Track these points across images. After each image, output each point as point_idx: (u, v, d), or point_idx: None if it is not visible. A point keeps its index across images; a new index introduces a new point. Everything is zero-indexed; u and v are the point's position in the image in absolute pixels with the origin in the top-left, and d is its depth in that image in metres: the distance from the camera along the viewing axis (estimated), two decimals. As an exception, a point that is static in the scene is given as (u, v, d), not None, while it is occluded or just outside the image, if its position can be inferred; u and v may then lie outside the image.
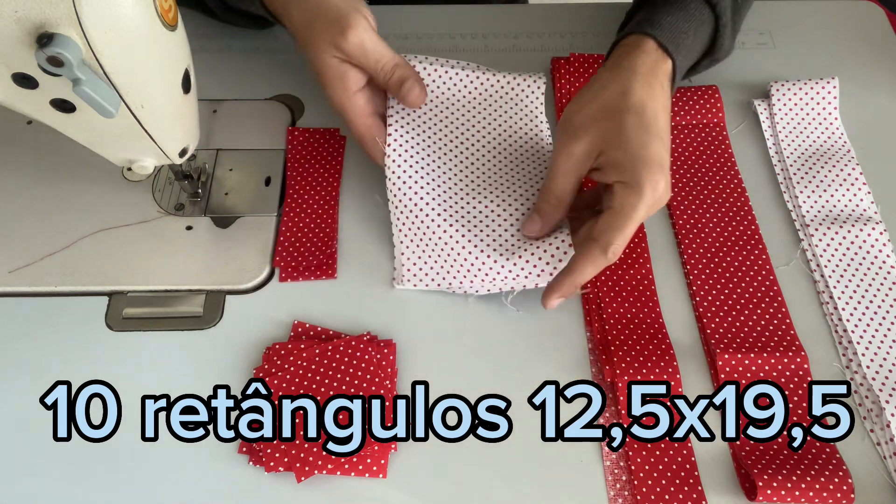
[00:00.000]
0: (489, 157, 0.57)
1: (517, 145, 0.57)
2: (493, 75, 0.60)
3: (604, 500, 0.43)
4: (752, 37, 0.66)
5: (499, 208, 0.53)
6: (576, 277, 0.46)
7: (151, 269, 0.52)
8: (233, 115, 0.61)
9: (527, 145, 0.57)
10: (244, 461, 0.44)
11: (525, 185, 0.54)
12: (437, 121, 0.57)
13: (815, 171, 0.56)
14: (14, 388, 0.47)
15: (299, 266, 0.52)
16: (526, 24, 0.68)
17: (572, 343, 0.49)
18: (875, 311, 0.49)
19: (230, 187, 0.57)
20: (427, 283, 0.51)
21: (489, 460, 0.44)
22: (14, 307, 0.50)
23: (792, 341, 0.48)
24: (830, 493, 0.41)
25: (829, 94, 0.60)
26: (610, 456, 0.44)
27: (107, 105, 0.39)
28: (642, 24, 0.52)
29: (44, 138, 0.59)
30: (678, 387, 0.46)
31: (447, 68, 0.59)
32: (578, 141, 0.47)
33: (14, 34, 0.36)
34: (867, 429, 0.45)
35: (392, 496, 0.43)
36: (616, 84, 0.48)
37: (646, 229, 0.54)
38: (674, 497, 0.42)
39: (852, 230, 0.53)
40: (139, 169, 0.48)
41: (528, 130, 0.58)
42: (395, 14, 0.68)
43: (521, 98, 0.60)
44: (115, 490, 0.43)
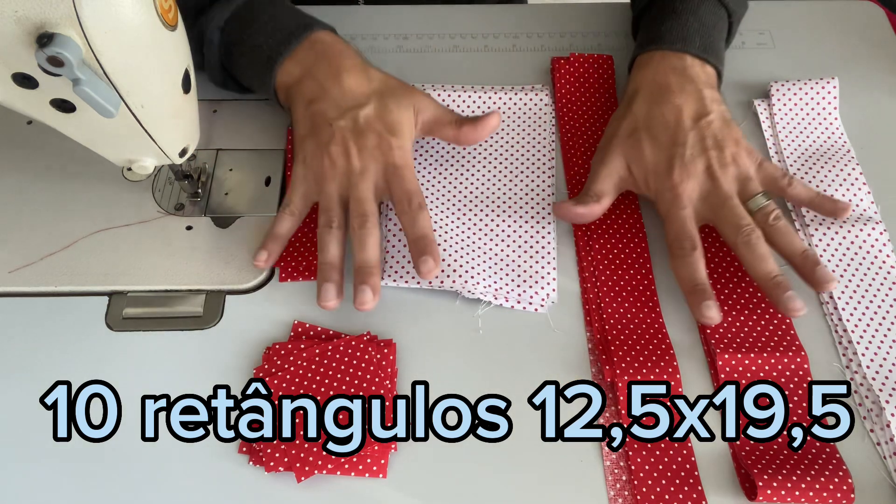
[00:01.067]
0: (492, 170, 0.57)
1: (524, 158, 0.58)
2: (494, 93, 0.61)
3: (604, 500, 0.43)
4: (752, 37, 0.66)
5: (498, 218, 0.54)
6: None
7: (151, 269, 0.52)
8: (233, 115, 0.61)
9: (534, 157, 0.58)
10: (244, 461, 0.44)
11: (527, 196, 0.56)
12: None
13: (815, 171, 0.56)
14: (14, 388, 0.47)
15: (299, 266, 0.52)
16: (526, 24, 0.68)
17: (572, 343, 0.49)
18: (875, 311, 0.49)
19: (230, 187, 0.57)
20: (407, 281, 0.51)
21: (489, 460, 0.44)
22: (14, 307, 0.50)
23: (792, 341, 0.48)
24: (830, 492, 0.41)
25: (829, 94, 0.60)
26: (610, 456, 0.44)
27: (107, 105, 0.39)
28: (651, 45, 0.57)
29: (44, 138, 0.59)
30: (678, 386, 0.46)
31: (449, 91, 0.60)
32: (604, 163, 0.54)
33: (14, 34, 0.36)
34: (867, 429, 0.45)
35: (392, 496, 0.43)
36: (625, 102, 0.56)
37: (646, 229, 0.54)
38: (674, 497, 0.42)
39: (852, 230, 0.53)
40: (139, 169, 0.48)
41: (535, 144, 0.59)
42: (395, 14, 0.68)
43: (529, 112, 0.60)
44: (115, 490, 0.43)
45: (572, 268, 0.53)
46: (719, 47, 0.57)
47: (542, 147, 0.58)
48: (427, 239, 0.49)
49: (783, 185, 0.52)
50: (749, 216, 0.49)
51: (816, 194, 0.52)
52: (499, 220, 0.54)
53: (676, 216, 0.50)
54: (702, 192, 0.51)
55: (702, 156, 0.51)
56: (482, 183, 0.56)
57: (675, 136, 0.52)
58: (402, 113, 0.53)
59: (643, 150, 0.52)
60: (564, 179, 0.57)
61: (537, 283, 0.51)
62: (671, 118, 0.52)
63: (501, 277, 0.51)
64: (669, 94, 0.53)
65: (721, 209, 0.50)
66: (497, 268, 0.52)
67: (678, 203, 0.50)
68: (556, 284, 0.51)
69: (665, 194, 0.51)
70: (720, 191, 0.50)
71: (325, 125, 0.52)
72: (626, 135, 0.53)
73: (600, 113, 0.61)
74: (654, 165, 0.52)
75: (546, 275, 0.51)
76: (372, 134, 0.52)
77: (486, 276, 0.51)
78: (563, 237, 0.54)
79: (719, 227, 0.50)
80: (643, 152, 0.52)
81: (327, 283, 0.48)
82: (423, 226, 0.49)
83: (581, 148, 0.58)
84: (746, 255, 0.48)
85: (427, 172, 0.57)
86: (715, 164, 0.51)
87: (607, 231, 0.54)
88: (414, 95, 0.55)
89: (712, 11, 0.57)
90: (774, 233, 0.49)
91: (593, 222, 0.54)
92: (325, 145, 0.52)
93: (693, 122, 0.52)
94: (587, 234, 0.54)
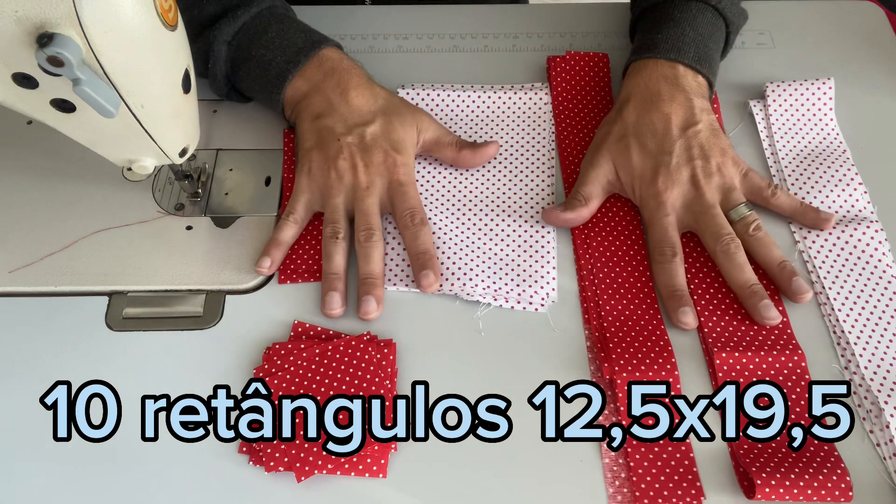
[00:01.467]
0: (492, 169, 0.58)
1: (523, 158, 0.58)
2: (493, 92, 0.61)
3: (602, 498, 0.43)
4: (751, 37, 0.66)
5: (498, 218, 0.54)
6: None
7: (151, 269, 0.52)
8: (233, 115, 0.61)
9: (533, 157, 0.58)
10: (244, 461, 0.44)
11: (526, 195, 0.56)
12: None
13: (810, 172, 0.56)
14: (14, 388, 0.47)
15: (299, 268, 0.52)
16: (526, 24, 0.68)
17: (571, 342, 0.49)
18: (872, 312, 0.49)
19: (230, 187, 0.57)
20: (407, 285, 0.51)
21: (489, 460, 0.44)
22: (14, 307, 0.50)
23: (789, 340, 0.48)
24: (829, 490, 0.41)
25: (825, 95, 0.60)
26: (609, 453, 0.44)
27: (107, 105, 0.39)
28: (648, 53, 0.57)
29: (44, 138, 0.59)
30: (676, 384, 0.46)
31: (449, 91, 0.60)
32: (593, 167, 0.54)
33: (14, 34, 0.36)
34: (867, 430, 0.45)
35: (392, 496, 0.43)
36: (615, 109, 0.55)
37: (642, 228, 0.54)
38: (672, 493, 0.42)
39: (847, 230, 0.53)
40: (139, 169, 0.48)
41: (535, 143, 0.59)
42: (395, 14, 0.68)
43: (528, 111, 0.60)
44: (115, 490, 0.43)
45: (570, 267, 0.53)
46: (714, 58, 0.57)
47: (542, 146, 0.58)
48: (428, 254, 0.51)
49: (766, 196, 0.53)
50: (729, 226, 0.51)
51: (800, 204, 0.53)
52: (498, 219, 0.54)
53: (659, 222, 0.51)
54: (685, 201, 0.52)
55: (687, 165, 0.52)
56: (481, 182, 0.56)
57: (662, 144, 0.53)
58: (407, 131, 0.55)
59: (631, 157, 0.53)
60: (561, 178, 0.57)
61: (537, 282, 0.51)
62: (660, 126, 0.53)
63: (501, 277, 0.51)
64: (660, 103, 0.54)
65: (703, 217, 0.51)
66: (496, 268, 0.52)
67: (662, 210, 0.52)
68: (556, 283, 0.51)
69: (649, 201, 0.52)
70: (703, 200, 0.51)
71: (333, 140, 0.54)
72: (615, 140, 0.54)
73: (596, 111, 0.61)
74: (641, 172, 0.53)
75: (546, 274, 0.51)
76: (378, 151, 0.54)
77: (485, 277, 0.51)
78: (561, 236, 0.54)
79: (700, 234, 0.52)
80: (631, 158, 0.53)
81: (332, 293, 0.50)
82: (424, 241, 0.51)
83: (577, 146, 0.59)
84: (724, 264, 0.50)
85: (426, 172, 0.57)
86: (699, 174, 0.52)
87: (604, 229, 0.54)
88: (417, 115, 0.56)
89: (710, 21, 0.58)
90: (754, 243, 0.51)
91: (590, 221, 0.54)
92: (333, 159, 0.53)
93: (681, 131, 0.53)
94: (585, 234, 0.54)
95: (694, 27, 0.57)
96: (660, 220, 0.52)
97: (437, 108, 0.61)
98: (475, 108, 0.60)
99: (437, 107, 0.61)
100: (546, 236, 0.53)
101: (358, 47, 0.66)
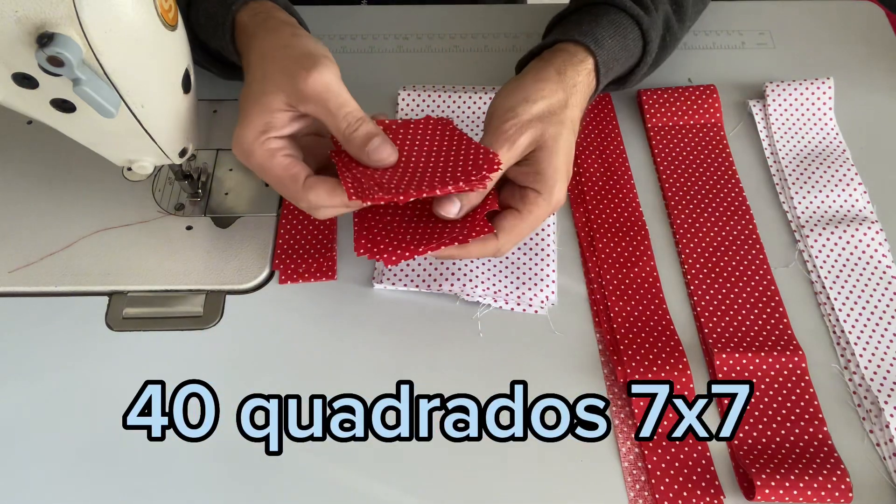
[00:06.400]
0: None
1: None
2: (493, 93, 0.61)
3: (624, 501, 0.43)
4: (751, 37, 0.66)
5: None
6: (462, 255, 0.46)
7: (151, 269, 0.52)
8: (233, 115, 0.61)
9: None
10: (244, 461, 0.44)
11: None
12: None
13: (809, 172, 0.56)
14: (14, 388, 0.47)
15: (299, 269, 0.52)
16: (526, 24, 0.68)
17: (583, 345, 0.49)
18: (872, 312, 0.49)
19: (230, 187, 0.57)
20: (406, 284, 0.51)
21: (503, 462, 0.44)
22: (14, 307, 0.50)
23: (789, 341, 0.48)
24: (829, 491, 0.41)
25: (825, 95, 0.60)
26: (628, 457, 0.44)
27: (107, 105, 0.39)
28: (587, 38, 0.52)
29: (44, 138, 0.59)
30: (689, 382, 0.46)
31: (450, 92, 0.60)
32: (523, 136, 0.47)
33: (14, 34, 0.36)
34: (866, 429, 0.45)
35: (393, 496, 0.43)
36: (563, 94, 0.49)
37: (648, 226, 0.54)
38: (692, 494, 0.43)
39: (847, 230, 0.53)
40: (139, 169, 0.48)
41: None
42: (395, 14, 0.68)
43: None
44: (116, 490, 0.43)
45: (577, 269, 0.53)
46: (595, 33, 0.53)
47: None
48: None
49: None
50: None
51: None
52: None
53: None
54: None
55: None
56: None
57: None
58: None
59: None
60: None
61: (536, 284, 0.51)
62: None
63: (501, 279, 0.51)
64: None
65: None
66: (496, 269, 0.52)
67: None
68: (557, 286, 0.51)
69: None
70: None
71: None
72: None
73: (592, 109, 0.61)
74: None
75: (545, 276, 0.51)
76: None
77: (485, 279, 0.51)
78: (567, 239, 0.54)
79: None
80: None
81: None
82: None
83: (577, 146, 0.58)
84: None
85: None
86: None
87: (610, 230, 0.54)
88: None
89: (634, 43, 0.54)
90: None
91: (595, 222, 0.54)
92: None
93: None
94: (590, 234, 0.54)
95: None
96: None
97: (438, 109, 0.61)
98: (476, 110, 0.60)
99: (438, 107, 0.61)
100: (546, 238, 0.53)
101: (357, 47, 0.66)
